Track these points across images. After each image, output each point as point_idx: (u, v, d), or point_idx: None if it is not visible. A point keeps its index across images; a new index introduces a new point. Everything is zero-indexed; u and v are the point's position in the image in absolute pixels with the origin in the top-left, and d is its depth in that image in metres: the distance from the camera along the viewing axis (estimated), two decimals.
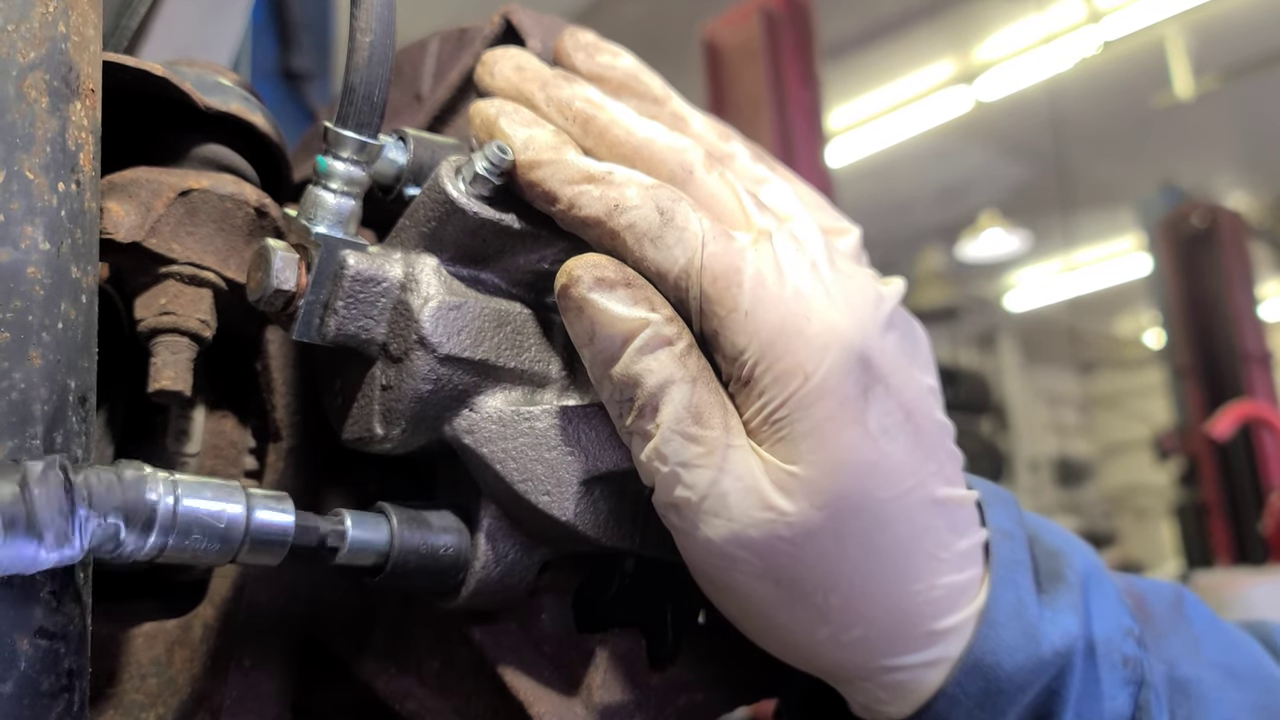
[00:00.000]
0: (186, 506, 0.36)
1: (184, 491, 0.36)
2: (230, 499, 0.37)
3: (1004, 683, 0.42)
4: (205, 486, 0.37)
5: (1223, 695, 0.48)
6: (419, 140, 0.47)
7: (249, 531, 0.38)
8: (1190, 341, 5.49)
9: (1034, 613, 0.44)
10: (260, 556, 0.39)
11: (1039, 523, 0.50)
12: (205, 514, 0.36)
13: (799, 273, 0.41)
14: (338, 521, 0.42)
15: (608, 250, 0.43)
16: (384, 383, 0.44)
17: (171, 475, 0.36)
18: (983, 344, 10.31)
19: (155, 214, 0.46)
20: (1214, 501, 5.21)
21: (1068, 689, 0.44)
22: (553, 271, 0.46)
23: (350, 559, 0.42)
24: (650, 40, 3.84)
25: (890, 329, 0.42)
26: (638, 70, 0.48)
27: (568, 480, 0.43)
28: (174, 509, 0.35)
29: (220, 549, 0.37)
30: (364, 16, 0.42)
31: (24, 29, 0.35)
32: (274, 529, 0.39)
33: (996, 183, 7.78)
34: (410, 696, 0.51)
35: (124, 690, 0.49)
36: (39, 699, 0.33)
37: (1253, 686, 0.49)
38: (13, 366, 0.33)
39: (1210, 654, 0.49)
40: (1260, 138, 7.32)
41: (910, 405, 0.41)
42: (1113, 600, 0.47)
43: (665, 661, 0.50)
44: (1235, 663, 0.49)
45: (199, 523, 0.36)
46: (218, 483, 0.38)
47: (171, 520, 0.35)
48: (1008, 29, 6.15)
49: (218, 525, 0.37)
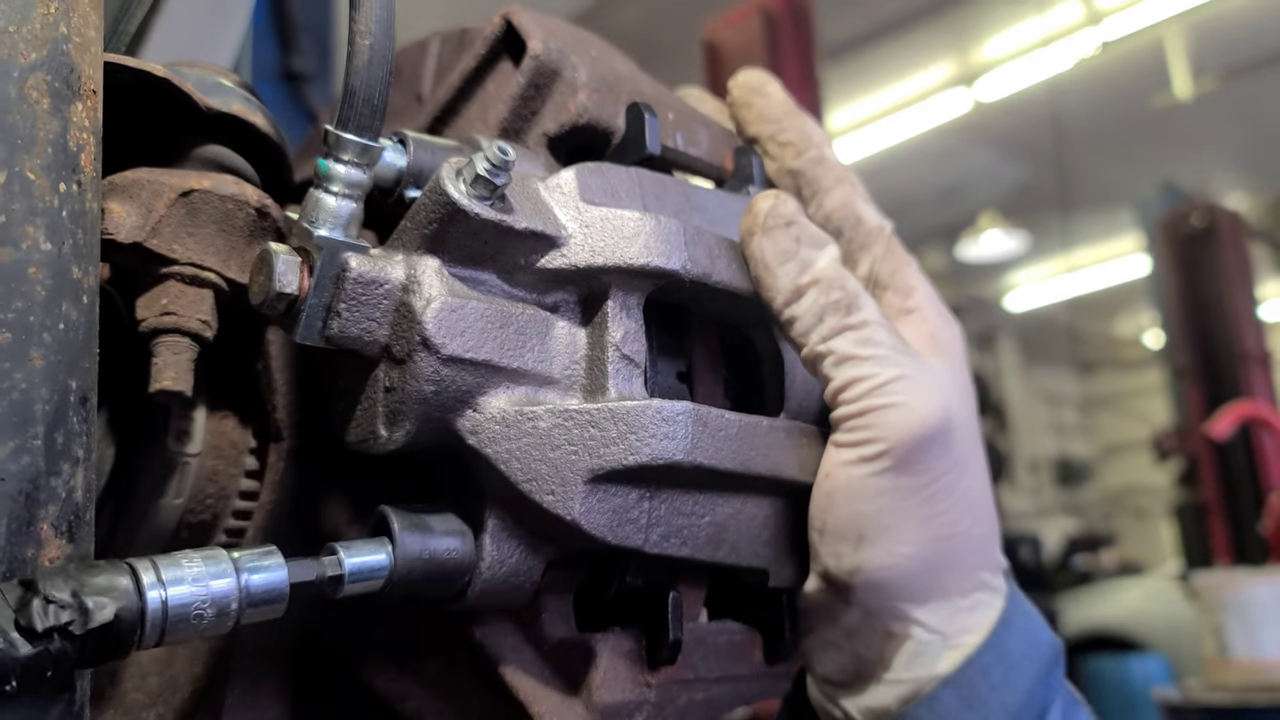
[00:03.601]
0: (176, 599, 0.35)
1: (170, 578, 0.35)
2: (217, 572, 0.36)
3: (1039, 626, 0.52)
4: (189, 564, 0.36)
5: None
6: (419, 142, 0.47)
7: (244, 600, 0.37)
8: (1189, 342, 5.49)
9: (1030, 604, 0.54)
10: (263, 613, 0.38)
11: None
12: (195, 598, 0.35)
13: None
14: (331, 558, 0.41)
15: (811, 184, 0.57)
16: (387, 384, 0.44)
17: (154, 563, 0.35)
18: (982, 344, 10.31)
19: (156, 215, 0.46)
20: (1213, 501, 5.21)
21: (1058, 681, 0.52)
22: (554, 271, 0.46)
23: (357, 587, 0.42)
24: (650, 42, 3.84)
25: None
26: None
27: (572, 480, 0.43)
28: (163, 602, 0.34)
29: (218, 624, 0.37)
30: (363, 19, 0.42)
31: (25, 30, 0.36)
32: (269, 588, 0.38)
33: (996, 183, 7.78)
34: (411, 696, 0.51)
35: (125, 689, 0.50)
36: (40, 698, 0.33)
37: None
38: (14, 367, 0.33)
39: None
40: (1259, 138, 7.33)
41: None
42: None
43: (665, 661, 0.50)
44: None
45: (193, 611, 0.35)
46: (202, 555, 0.37)
47: (162, 618, 0.34)
48: (1007, 30, 6.16)
49: (210, 604, 0.36)
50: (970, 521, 0.50)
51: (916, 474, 0.48)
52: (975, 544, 0.50)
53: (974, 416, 0.53)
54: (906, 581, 0.49)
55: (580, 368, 0.47)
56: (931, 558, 0.49)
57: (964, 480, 0.50)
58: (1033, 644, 0.51)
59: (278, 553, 0.39)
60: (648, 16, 5.39)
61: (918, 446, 0.48)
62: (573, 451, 0.44)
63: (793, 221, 0.50)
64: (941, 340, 0.54)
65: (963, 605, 0.50)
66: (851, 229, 0.56)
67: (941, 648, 0.50)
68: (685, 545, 0.47)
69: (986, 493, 0.52)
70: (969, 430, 0.51)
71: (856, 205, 0.56)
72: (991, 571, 0.51)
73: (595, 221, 0.47)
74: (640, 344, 0.47)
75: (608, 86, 0.53)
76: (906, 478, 0.48)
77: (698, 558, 0.47)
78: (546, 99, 0.52)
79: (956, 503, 0.49)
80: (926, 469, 0.48)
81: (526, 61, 0.51)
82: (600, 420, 0.44)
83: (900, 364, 0.49)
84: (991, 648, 0.49)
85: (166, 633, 0.35)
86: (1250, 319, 5.48)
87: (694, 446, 0.45)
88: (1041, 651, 0.51)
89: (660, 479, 0.45)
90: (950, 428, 0.49)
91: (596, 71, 0.53)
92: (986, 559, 0.51)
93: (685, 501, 0.47)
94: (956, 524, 0.49)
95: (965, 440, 0.51)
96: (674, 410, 0.45)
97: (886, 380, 0.48)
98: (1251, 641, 3.30)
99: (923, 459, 0.48)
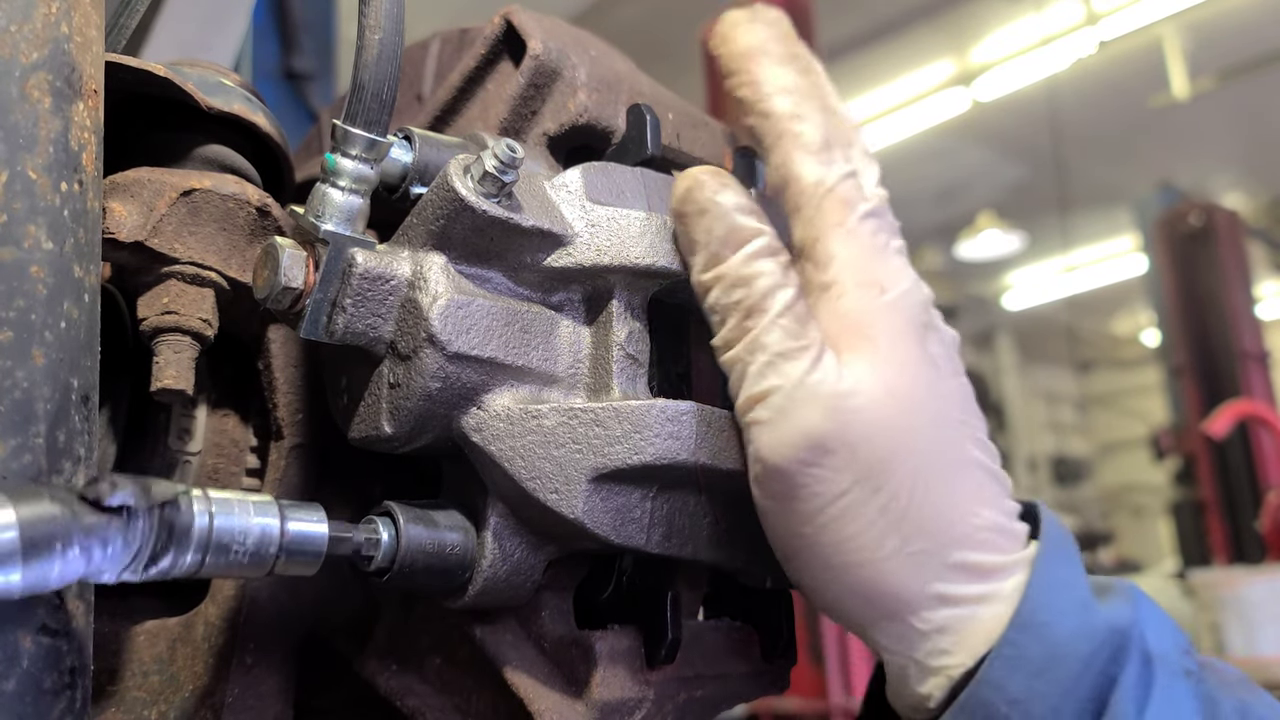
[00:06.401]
0: (222, 524, 0.36)
1: (218, 509, 0.36)
2: (265, 514, 0.38)
3: (1061, 647, 0.42)
4: (239, 503, 0.37)
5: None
6: (425, 139, 0.47)
7: (284, 545, 0.38)
8: (1187, 340, 5.50)
9: (1085, 590, 0.44)
10: (296, 567, 0.39)
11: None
12: (240, 530, 0.37)
13: (890, 235, 0.49)
14: (372, 530, 0.43)
15: (758, 142, 0.50)
16: (392, 381, 0.44)
17: (206, 493, 0.36)
18: (980, 343, 10.32)
19: (158, 214, 0.46)
20: (1211, 500, 5.22)
21: (1125, 676, 0.42)
22: (560, 270, 0.46)
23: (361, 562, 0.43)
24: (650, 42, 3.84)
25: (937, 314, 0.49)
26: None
27: (576, 478, 0.44)
28: (210, 527, 0.36)
29: (256, 562, 0.38)
30: (373, 14, 0.42)
31: (27, 30, 0.36)
32: (308, 540, 0.39)
33: (994, 183, 7.78)
34: (411, 693, 0.51)
35: (126, 687, 0.50)
36: (41, 696, 0.33)
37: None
38: (16, 365, 0.34)
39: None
40: (1257, 138, 7.33)
41: (957, 366, 0.47)
42: (1168, 621, 0.46)
43: (665, 660, 0.50)
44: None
45: (235, 539, 0.36)
46: (251, 496, 0.38)
47: (207, 539, 0.35)
48: (1005, 30, 6.16)
49: (250, 541, 0.37)
50: (899, 541, 0.42)
51: (800, 500, 0.43)
52: (913, 562, 0.43)
53: (920, 408, 0.44)
54: (839, 606, 0.45)
55: (584, 366, 0.47)
56: (856, 583, 0.43)
57: (879, 497, 0.42)
58: (1072, 637, 0.42)
59: (321, 510, 0.40)
60: (648, 16, 5.38)
61: (781, 475, 0.43)
62: (577, 450, 0.44)
63: (706, 209, 0.45)
64: (863, 320, 0.45)
65: (921, 627, 0.43)
66: (787, 189, 0.49)
67: (920, 672, 0.44)
68: (686, 545, 0.47)
69: (940, 496, 0.43)
70: (896, 432, 0.43)
71: (792, 162, 0.48)
72: (962, 581, 0.43)
73: (601, 221, 0.47)
74: (644, 343, 0.47)
75: (608, 86, 0.53)
76: (787, 505, 0.43)
77: (699, 558, 0.48)
78: (546, 99, 0.52)
79: (869, 525, 0.42)
80: (811, 494, 0.42)
81: (526, 61, 0.51)
82: (605, 419, 0.44)
83: (781, 373, 0.43)
84: (1000, 659, 0.42)
85: (207, 558, 0.36)
86: (1248, 317, 5.49)
87: (698, 446, 0.45)
88: (1090, 642, 0.42)
89: (663, 478, 0.45)
90: (838, 444, 0.42)
91: (596, 71, 0.53)
92: (940, 572, 0.43)
93: (687, 501, 0.47)
94: (877, 548, 0.42)
95: (885, 447, 0.43)
96: (679, 410, 0.45)
97: (759, 394, 0.43)
98: (1249, 639, 3.31)
99: (799, 485, 0.43)
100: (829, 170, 0.48)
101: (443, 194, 0.44)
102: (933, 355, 0.46)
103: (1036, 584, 0.43)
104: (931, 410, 0.44)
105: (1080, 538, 8.22)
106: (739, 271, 0.45)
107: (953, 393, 0.46)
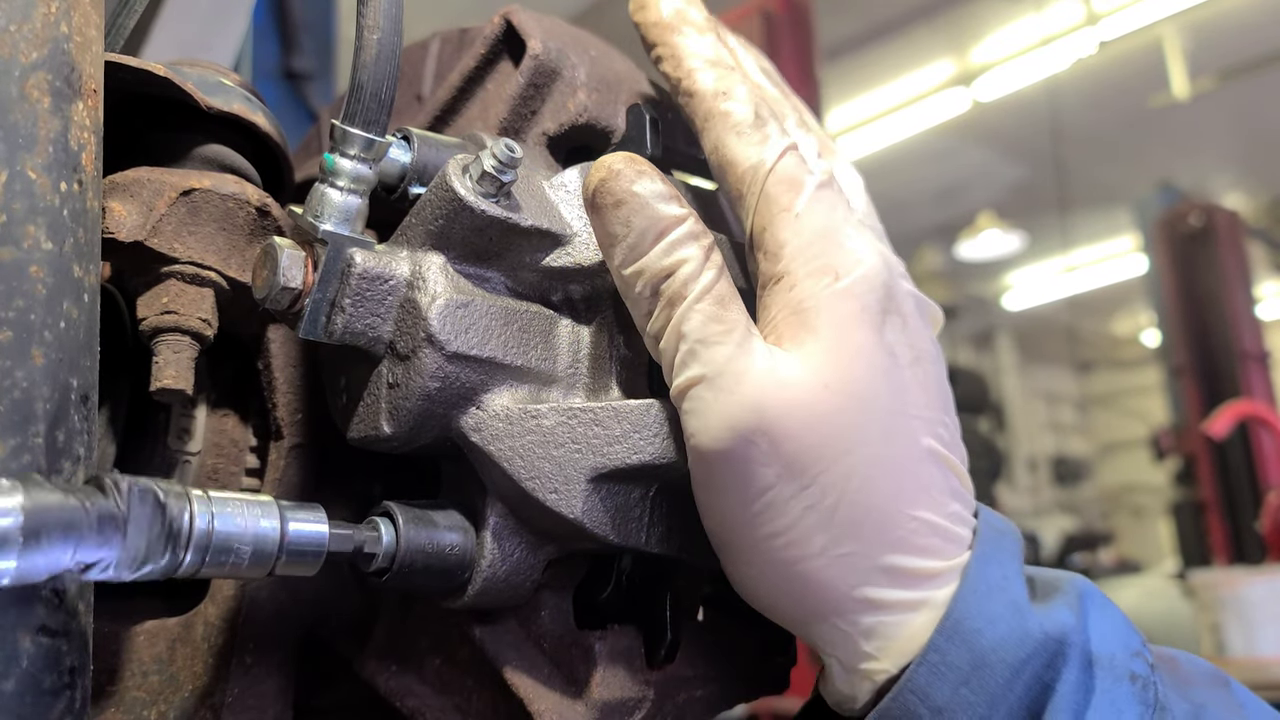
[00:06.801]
0: (222, 525, 0.36)
1: (219, 510, 0.36)
2: (265, 515, 0.38)
3: (989, 654, 0.40)
4: (240, 504, 0.37)
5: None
6: (423, 139, 0.47)
7: (284, 546, 0.38)
8: (1187, 340, 5.50)
9: (1020, 593, 0.42)
10: (297, 568, 0.40)
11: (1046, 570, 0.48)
12: (240, 531, 0.37)
13: (845, 210, 0.45)
14: (372, 530, 0.43)
15: (690, 123, 0.48)
16: (391, 381, 0.44)
17: (207, 494, 0.37)
18: (980, 343, 10.33)
19: (157, 214, 0.46)
20: (1211, 500, 5.22)
21: (1061, 683, 0.40)
22: (559, 269, 0.46)
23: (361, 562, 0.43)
24: None
25: (911, 290, 0.46)
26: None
27: (575, 478, 0.44)
28: (210, 527, 0.36)
29: (256, 563, 0.38)
30: (372, 14, 0.42)
31: (26, 29, 0.36)
32: (309, 541, 0.40)
33: (994, 183, 7.78)
34: (411, 694, 0.51)
35: (126, 687, 0.50)
36: (41, 696, 0.33)
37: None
38: (15, 365, 0.34)
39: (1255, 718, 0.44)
40: (1257, 138, 7.34)
41: (921, 353, 0.44)
42: (1118, 621, 0.44)
43: (664, 660, 0.50)
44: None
45: (236, 540, 0.37)
46: (253, 498, 0.38)
47: (208, 539, 0.36)
48: (1005, 30, 6.16)
49: (251, 543, 0.37)
50: (826, 540, 0.41)
51: (724, 491, 0.41)
52: (842, 564, 0.41)
53: (862, 402, 0.41)
54: (769, 603, 0.44)
55: (583, 366, 0.47)
56: (783, 581, 0.42)
57: (807, 494, 0.40)
58: (1001, 644, 0.40)
59: (322, 510, 0.41)
60: None
61: (706, 463, 0.41)
62: (576, 450, 0.44)
63: (621, 201, 0.42)
64: (808, 310, 0.42)
65: (848, 630, 0.42)
66: (724, 177, 0.46)
67: (845, 672, 0.43)
68: (687, 545, 0.47)
69: (875, 496, 0.41)
70: (829, 427, 0.41)
71: (725, 146, 0.45)
72: (893, 586, 0.41)
73: None
74: (644, 343, 0.47)
75: (607, 86, 0.53)
76: (713, 497, 0.42)
77: (699, 558, 0.48)
78: (546, 99, 0.52)
79: (795, 521, 0.41)
80: (736, 485, 0.41)
81: (526, 61, 0.51)
82: (604, 419, 0.44)
83: (703, 360, 0.41)
84: (925, 665, 0.40)
85: (208, 558, 0.36)
86: (1248, 318, 5.49)
87: None
88: (1022, 649, 0.40)
89: (662, 478, 0.45)
90: (761, 436, 0.40)
91: (596, 71, 0.53)
92: (867, 576, 0.41)
93: (687, 501, 0.47)
94: (805, 544, 0.41)
95: (814, 442, 0.40)
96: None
97: (685, 383, 0.42)
98: (1249, 640, 3.31)
99: (723, 475, 0.41)
100: (765, 149, 0.45)
101: (441, 194, 0.44)
102: (889, 343, 0.43)
103: (966, 589, 0.41)
104: (879, 404, 0.42)
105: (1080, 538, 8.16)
106: (660, 263, 0.42)
107: (910, 383, 0.43)
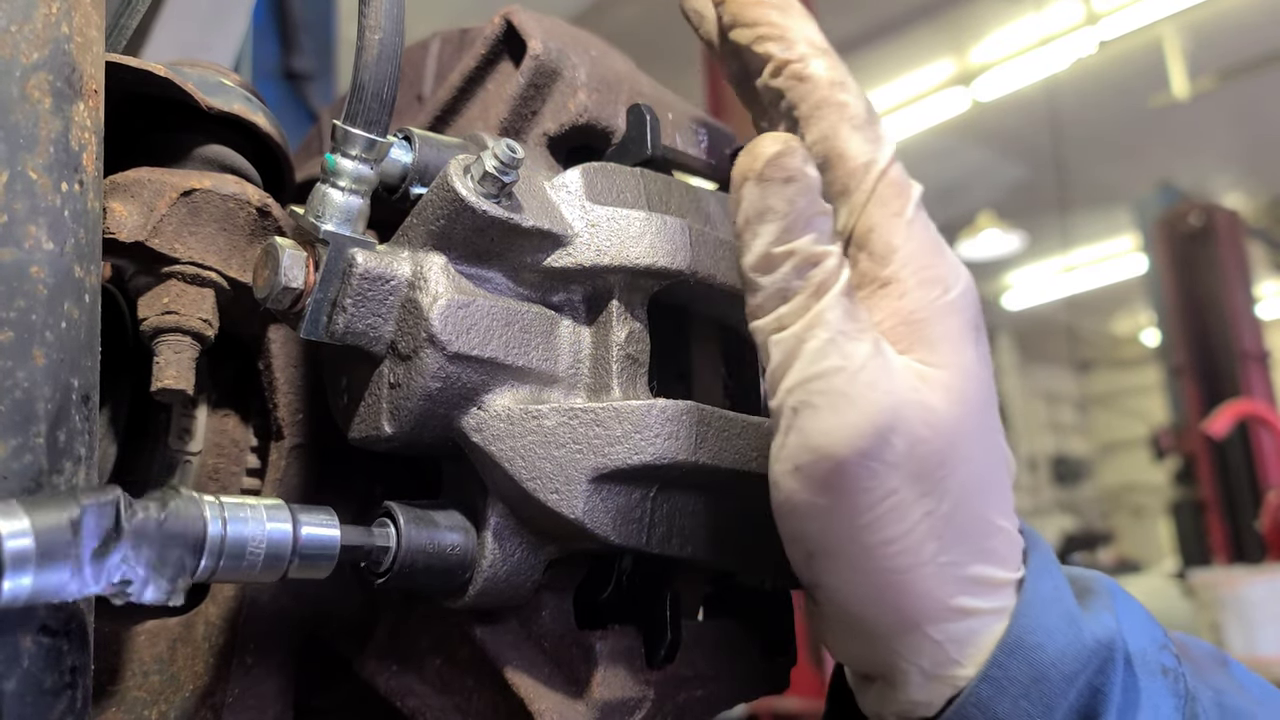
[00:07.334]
0: (235, 531, 0.36)
1: (231, 515, 0.36)
2: (277, 519, 0.38)
3: (1049, 669, 0.41)
4: (252, 508, 0.38)
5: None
6: (424, 139, 0.47)
7: (297, 549, 0.39)
8: (1187, 340, 5.50)
9: (1072, 603, 0.43)
10: (310, 571, 0.40)
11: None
12: (253, 536, 0.37)
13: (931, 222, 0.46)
14: (385, 532, 0.43)
15: (790, 119, 0.46)
16: (392, 381, 0.44)
17: (219, 499, 0.37)
18: None
19: (158, 214, 0.46)
20: (1211, 499, 5.22)
21: (1111, 687, 0.41)
22: (560, 270, 0.46)
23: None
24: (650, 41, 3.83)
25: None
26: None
27: (576, 478, 0.44)
28: (223, 534, 0.36)
29: (270, 567, 0.38)
30: (373, 14, 0.42)
31: (27, 30, 0.36)
32: (322, 544, 0.40)
33: (994, 182, 7.79)
34: (411, 694, 0.51)
35: (127, 687, 0.50)
36: (42, 696, 0.33)
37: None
38: (16, 365, 0.34)
39: (1258, 696, 0.47)
40: (1257, 138, 7.34)
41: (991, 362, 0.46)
42: (1142, 616, 0.45)
43: (665, 660, 0.50)
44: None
45: (249, 545, 0.37)
46: (265, 502, 0.38)
47: (220, 545, 0.36)
48: (1005, 29, 6.16)
49: (265, 546, 0.38)
50: (937, 547, 0.41)
51: (847, 494, 0.40)
52: (945, 572, 0.41)
53: (974, 414, 0.42)
54: (863, 608, 0.42)
55: (584, 366, 0.47)
56: (886, 588, 0.41)
57: (926, 501, 0.40)
58: (1059, 657, 0.41)
59: (333, 513, 0.41)
60: (648, 16, 5.38)
61: (835, 464, 0.39)
62: (577, 450, 0.44)
63: (793, 178, 0.41)
64: (921, 321, 0.42)
65: (936, 638, 0.41)
66: (831, 169, 0.45)
67: (927, 680, 0.42)
68: (687, 545, 0.47)
69: (978, 505, 0.42)
70: (954, 436, 0.41)
71: (839, 138, 0.44)
72: (980, 595, 0.42)
73: (601, 221, 0.47)
74: (644, 344, 0.47)
75: (607, 86, 0.53)
76: (833, 498, 0.40)
77: (699, 558, 0.48)
78: (546, 99, 0.52)
79: (914, 527, 0.40)
80: (861, 489, 0.40)
81: (526, 61, 0.51)
82: (605, 419, 0.44)
83: (844, 352, 0.40)
84: (988, 681, 0.41)
85: (221, 563, 0.36)
86: (1248, 317, 5.50)
87: (698, 446, 0.45)
88: (1077, 661, 0.41)
89: (663, 478, 0.45)
90: (900, 439, 0.39)
91: (596, 71, 0.53)
92: (962, 585, 0.41)
93: (687, 501, 0.47)
94: (917, 552, 0.40)
95: (941, 450, 0.40)
96: (679, 410, 0.45)
97: (817, 373, 0.40)
98: (1249, 639, 3.31)
99: (851, 478, 0.40)
100: (879, 150, 0.44)
101: (443, 194, 0.44)
102: (983, 356, 0.44)
103: (1024, 602, 0.42)
104: (988, 416, 0.43)
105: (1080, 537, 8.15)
106: (812, 249, 0.41)
107: (995, 397, 0.44)
